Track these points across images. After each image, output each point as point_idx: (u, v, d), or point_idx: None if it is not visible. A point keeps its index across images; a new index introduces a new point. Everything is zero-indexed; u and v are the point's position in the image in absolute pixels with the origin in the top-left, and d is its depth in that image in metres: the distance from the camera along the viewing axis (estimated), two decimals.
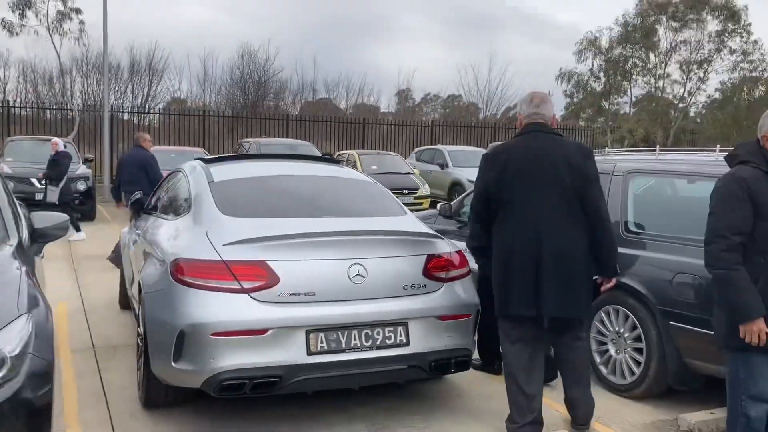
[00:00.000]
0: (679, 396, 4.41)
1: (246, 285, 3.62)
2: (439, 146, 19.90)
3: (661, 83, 29.76)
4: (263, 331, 3.56)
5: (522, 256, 3.60)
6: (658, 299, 4.24)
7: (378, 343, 3.77)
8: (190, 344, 3.58)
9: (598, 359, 4.73)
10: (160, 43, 40.75)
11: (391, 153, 19.74)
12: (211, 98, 34.10)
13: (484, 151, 15.70)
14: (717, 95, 30.21)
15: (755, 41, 28.57)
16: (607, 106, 29.50)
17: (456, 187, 16.32)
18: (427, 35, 58.11)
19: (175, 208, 4.79)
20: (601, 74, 28.83)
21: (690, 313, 4.06)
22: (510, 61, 65.53)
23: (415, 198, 15.04)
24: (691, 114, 32.92)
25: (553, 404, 4.25)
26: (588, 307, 3.79)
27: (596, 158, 3.87)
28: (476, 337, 4.31)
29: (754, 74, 29.04)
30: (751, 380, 3.08)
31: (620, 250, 4.51)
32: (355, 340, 3.73)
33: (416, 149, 21.37)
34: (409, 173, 16.36)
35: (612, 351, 4.63)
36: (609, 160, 5.17)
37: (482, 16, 58.92)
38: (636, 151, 6.07)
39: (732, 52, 28.73)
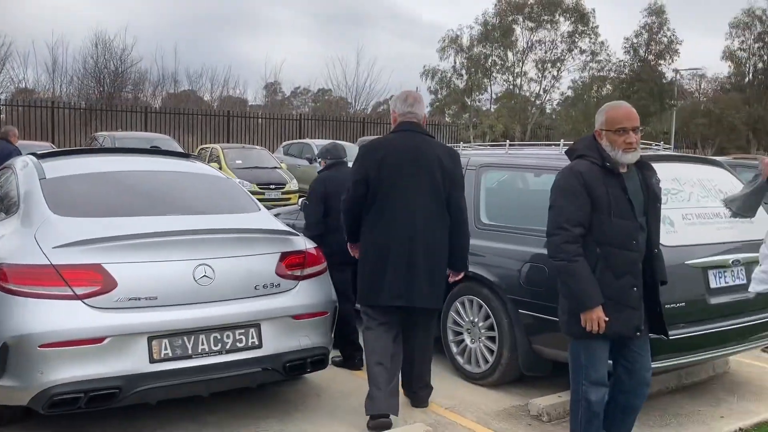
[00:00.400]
0: (530, 382, 4.57)
1: (79, 291, 3.32)
2: (307, 140, 19.78)
3: (519, 81, 31.22)
4: (99, 340, 3.29)
5: (397, 249, 3.80)
6: (508, 289, 4.37)
7: (228, 347, 3.60)
8: (15, 358, 3.25)
9: (454, 349, 4.81)
10: (1, 28, 37.48)
11: (257, 147, 19.34)
12: (61, 89, 31.87)
13: (353, 145, 15.83)
14: (570, 93, 32.14)
15: (602, 42, 30.67)
16: (469, 103, 30.53)
17: None
18: (295, 28, 57.70)
19: (2, 208, 4.34)
20: (464, 72, 29.77)
21: (537, 301, 4.20)
22: (377, 56, 66.44)
23: (283, 193, 14.80)
24: (547, 110, 34.84)
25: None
26: (444, 298, 4.16)
27: None
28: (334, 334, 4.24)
29: (601, 73, 31.16)
30: (592, 366, 3.21)
31: (473, 242, 4.62)
32: (202, 345, 3.53)
33: (284, 143, 21.06)
34: (276, 168, 16.07)
35: (467, 341, 4.72)
36: (463, 154, 5.26)
37: (350, 11, 59.27)
38: (489, 145, 6.23)
39: (582, 52, 30.65)
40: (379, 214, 3.85)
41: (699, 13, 58.32)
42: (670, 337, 3.73)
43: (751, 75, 35.62)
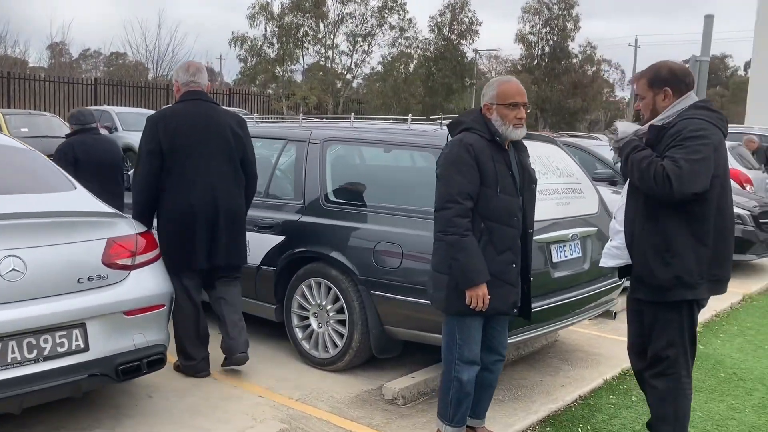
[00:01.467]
0: (378, 364, 4.44)
1: None
2: (105, 107, 18.03)
3: (330, 53, 31.18)
4: None
5: (200, 215, 3.98)
6: (360, 269, 4.16)
7: (46, 353, 3.01)
8: None
9: (300, 335, 4.54)
10: None
11: (47, 113, 17.31)
12: None
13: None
14: (380, 68, 32.74)
15: (410, 20, 31.56)
16: (280, 73, 29.92)
17: (129, 153, 14.90)
18: None
19: None
20: (275, 40, 29.06)
21: (390, 281, 4.05)
22: (181, 20, 62.77)
23: None
24: (358, 84, 35.27)
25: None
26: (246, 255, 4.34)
27: (285, 125, 4.74)
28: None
29: (409, 50, 32.11)
30: (466, 345, 3.12)
31: (321, 221, 4.38)
32: (13, 353, 2.92)
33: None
34: None
35: (314, 325, 4.46)
36: (304, 127, 4.95)
37: None
38: (332, 118, 5.93)
39: (392, 28, 31.31)
40: (177, 183, 3.96)
41: None
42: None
43: (539, 58, 38.74)
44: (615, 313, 4.84)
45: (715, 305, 6.24)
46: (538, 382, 4.37)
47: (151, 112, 16.83)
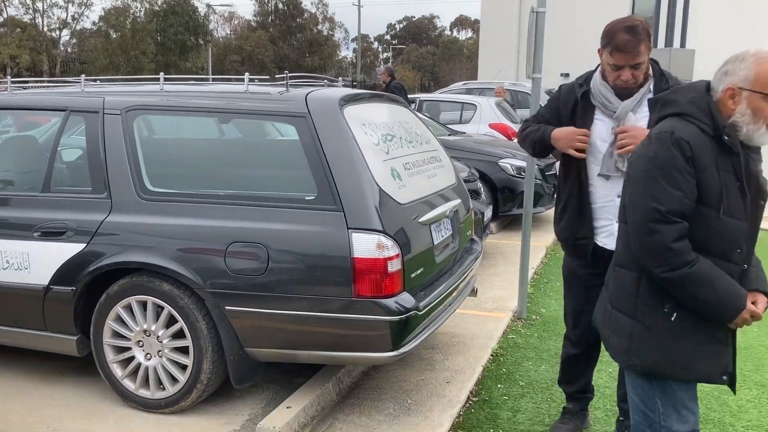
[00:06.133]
0: (229, 392, 3.52)
1: None
2: None
3: (41, 5, 26.86)
4: None
5: None
6: (206, 280, 3.16)
7: None
8: None
9: (119, 372, 3.41)
10: None
11: None
12: None
13: None
14: (102, 24, 29.10)
15: None
16: None
17: None
18: None
19: None
20: None
21: (251, 291, 3.14)
22: None
23: None
24: (74, 42, 31.08)
25: None
26: None
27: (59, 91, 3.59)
28: None
29: (136, 3, 29.04)
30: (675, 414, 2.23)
31: (139, 220, 3.31)
32: None
33: None
34: None
35: (140, 357, 3.37)
36: (93, 93, 3.68)
37: None
38: (56, 82, 4.50)
39: None
40: None
41: None
42: (422, 311, 3.20)
43: (274, 15, 37.87)
44: (476, 289, 4.45)
45: (532, 263, 6.26)
46: (420, 381, 3.81)
47: None
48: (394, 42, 72.96)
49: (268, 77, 4.07)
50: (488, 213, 6.68)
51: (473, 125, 10.80)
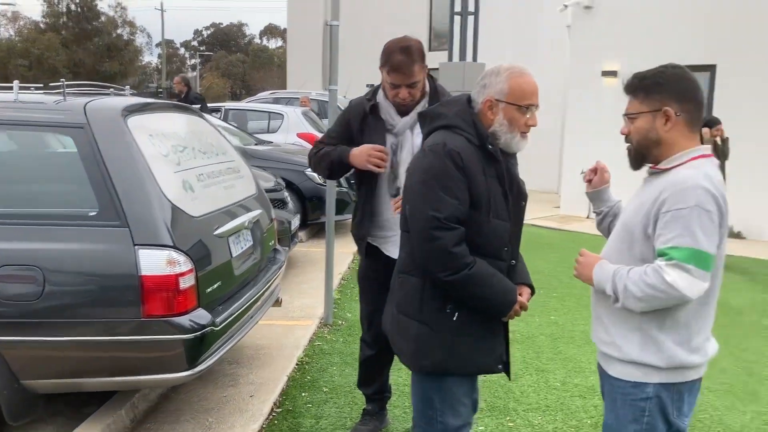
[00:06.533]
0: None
1: None
2: None
3: None
4: None
5: None
6: None
7: None
8: None
9: None
10: None
11: None
12: None
13: None
14: None
15: None
16: None
17: None
18: None
19: None
20: None
21: (25, 319, 2.87)
22: None
23: None
24: None
25: None
26: None
27: None
28: None
29: None
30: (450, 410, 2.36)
31: None
32: None
33: None
34: None
35: None
36: None
37: None
38: None
39: None
40: None
41: None
42: (219, 326, 3.13)
43: (66, 17, 35.08)
44: (280, 299, 4.43)
45: (339, 269, 6.38)
46: (223, 398, 3.72)
47: None
48: (201, 48, 70.85)
49: (43, 84, 3.76)
50: (296, 222, 6.70)
51: (281, 135, 10.81)
